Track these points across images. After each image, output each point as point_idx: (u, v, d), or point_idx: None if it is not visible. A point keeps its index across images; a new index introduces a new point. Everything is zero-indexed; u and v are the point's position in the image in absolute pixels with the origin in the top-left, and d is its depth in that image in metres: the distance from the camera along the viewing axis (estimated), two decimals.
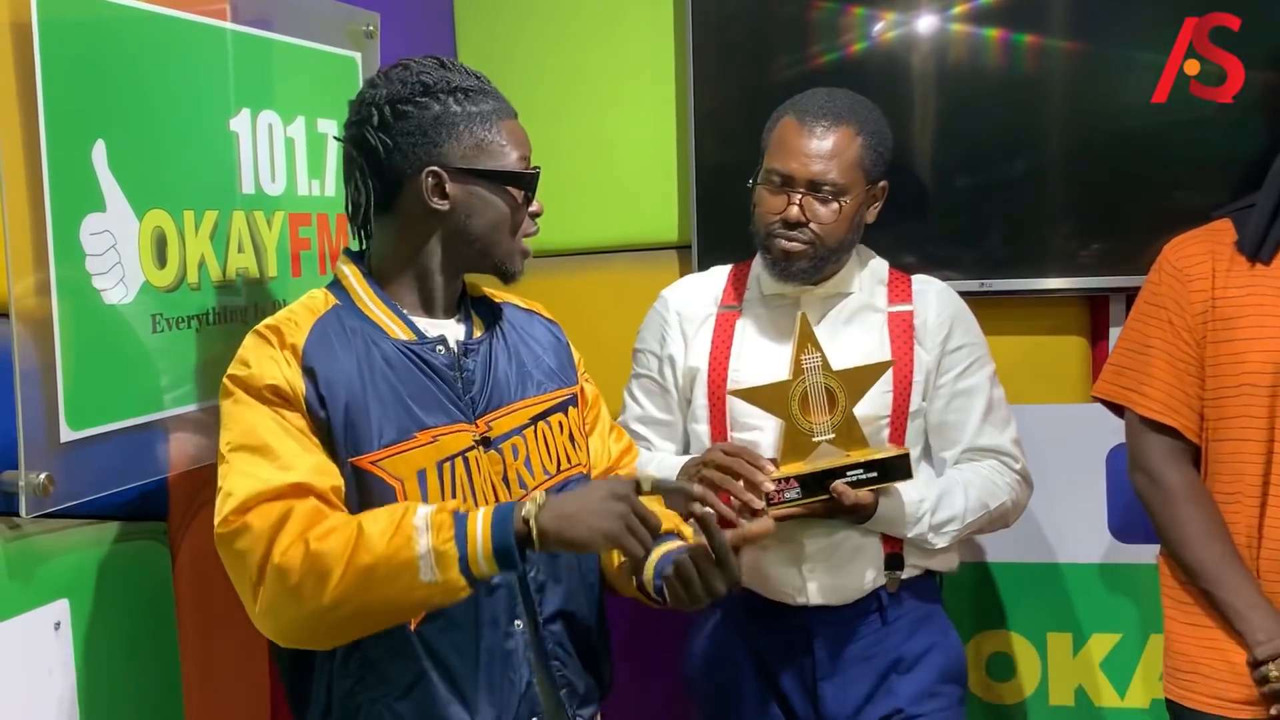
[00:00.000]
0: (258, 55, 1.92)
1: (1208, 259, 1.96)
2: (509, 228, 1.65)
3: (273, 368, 1.53)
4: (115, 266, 1.60)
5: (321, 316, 1.59)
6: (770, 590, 2.06)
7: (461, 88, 1.61)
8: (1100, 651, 2.46)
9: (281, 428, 1.51)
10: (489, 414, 1.66)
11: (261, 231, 1.91)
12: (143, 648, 1.74)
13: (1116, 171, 2.37)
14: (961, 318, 2.09)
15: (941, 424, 2.08)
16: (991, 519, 2.06)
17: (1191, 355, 1.95)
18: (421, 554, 1.43)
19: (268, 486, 1.47)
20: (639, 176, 2.66)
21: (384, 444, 1.55)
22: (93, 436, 1.56)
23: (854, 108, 2.02)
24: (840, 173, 1.97)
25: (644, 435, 2.17)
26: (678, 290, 2.19)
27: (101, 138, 1.57)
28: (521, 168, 1.65)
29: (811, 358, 1.92)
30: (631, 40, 2.65)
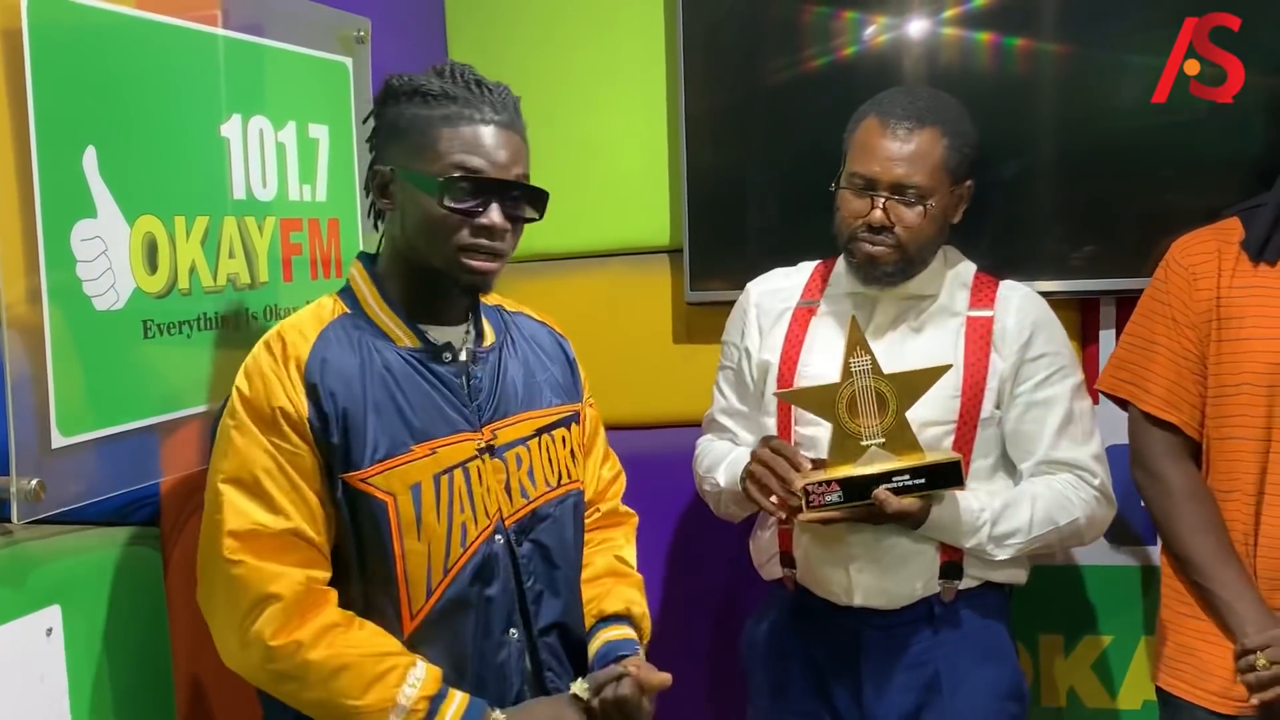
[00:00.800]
0: (248, 61, 1.92)
1: (1214, 258, 1.97)
2: (432, 234, 1.58)
3: (277, 388, 1.55)
4: (106, 272, 1.60)
5: (328, 326, 1.61)
6: (819, 588, 2.06)
7: (424, 91, 1.59)
8: (1092, 653, 2.47)
9: (279, 467, 1.54)
10: (495, 422, 1.67)
11: (253, 237, 1.91)
12: (135, 654, 1.74)
13: (1108, 174, 2.38)
14: (1045, 326, 2.05)
15: (1016, 434, 2.04)
16: (1062, 535, 2.02)
17: (1194, 353, 1.96)
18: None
19: (263, 529, 1.52)
20: (631, 180, 2.67)
21: (377, 459, 1.56)
22: (84, 442, 1.56)
23: (937, 107, 2.01)
24: (925, 175, 1.96)
25: (729, 427, 2.20)
26: (761, 283, 2.21)
27: (92, 144, 1.57)
28: (448, 170, 1.56)
29: (860, 361, 1.89)
30: (623, 44, 2.66)
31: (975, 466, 2.01)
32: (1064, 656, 2.48)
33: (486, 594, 1.64)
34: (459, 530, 1.61)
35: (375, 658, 1.53)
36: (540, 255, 2.72)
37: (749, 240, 2.59)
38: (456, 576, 1.61)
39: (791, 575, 2.09)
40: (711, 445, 2.20)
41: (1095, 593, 2.46)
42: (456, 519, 1.61)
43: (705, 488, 2.16)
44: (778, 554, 2.10)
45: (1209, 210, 2.17)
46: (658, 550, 2.70)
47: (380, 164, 1.64)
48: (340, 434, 1.55)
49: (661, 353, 2.66)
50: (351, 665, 1.52)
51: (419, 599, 1.60)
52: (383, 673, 1.52)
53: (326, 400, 1.55)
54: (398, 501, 1.57)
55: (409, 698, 1.52)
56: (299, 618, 1.52)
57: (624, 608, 1.78)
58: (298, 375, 1.56)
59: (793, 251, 2.25)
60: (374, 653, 1.54)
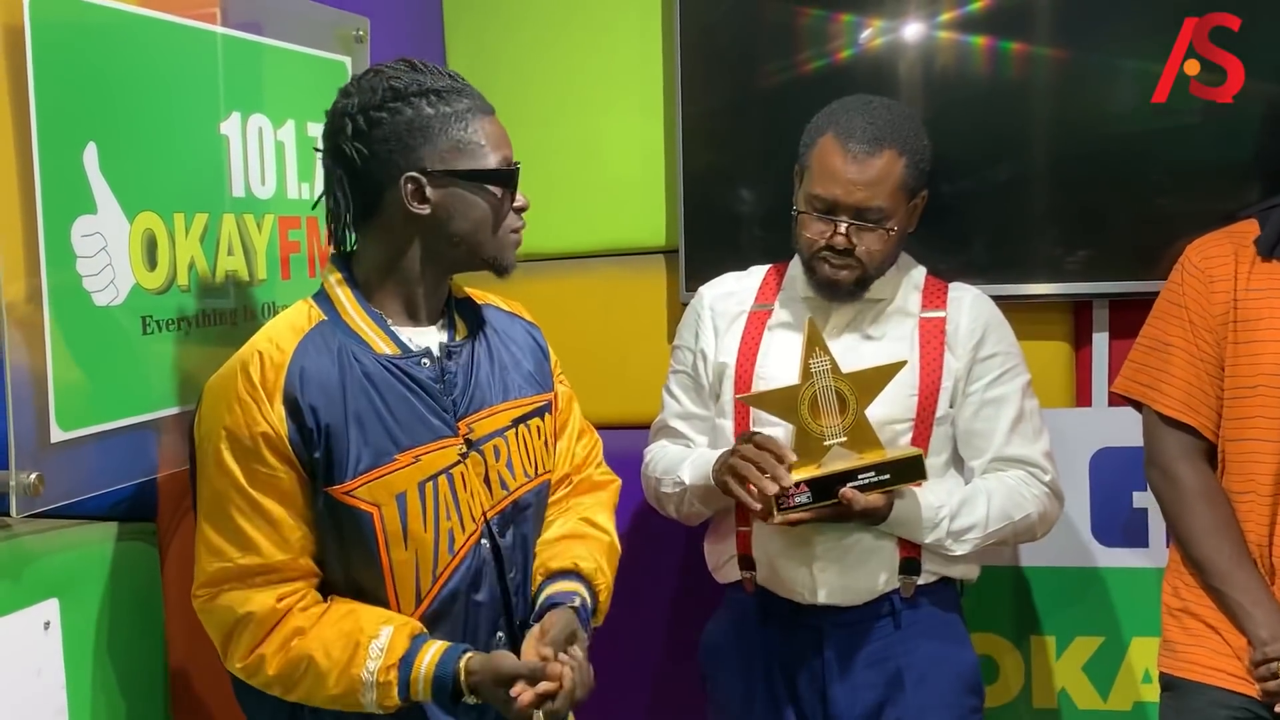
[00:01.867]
0: (248, 59, 1.94)
1: (1230, 260, 1.98)
2: (492, 225, 1.65)
3: (255, 412, 1.54)
4: (106, 268, 1.61)
5: (305, 336, 1.59)
6: (782, 588, 2.07)
7: (434, 89, 1.60)
8: (1083, 655, 2.48)
9: (250, 502, 1.55)
10: (470, 416, 1.68)
11: (251, 234, 1.92)
12: (131, 648, 1.76)
13: (1101, 177, 2.39)
14: (996, 326, 2.09)
15: (969, 432, 2.07)
16: (1016, 530, 2.05)
17: (1211, 355, 1.98)
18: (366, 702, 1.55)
19: (230, 567, 1.57)
20: (627, 181, 2.68)
21: (360, 471, 1.57)
22: (83, 437, 1.58)
23: (895, 125, 2.01)
24: (885, 198, 1.98)
25: (683, 432, 2.19)
26: (714, 286, 2.22)
27: (93, 140, 1.58)
28: (501, 165, 1.64)
29: (820, 361, 1.92)
30: (620, 46, 2.67)
31: (929, 463, 2.03)
32: (1055, 658, 2.50)
33: (475, 599, 1.65)
34: (446, 537, 1.62)
35: (339, 644, 1.55)
36: (535, 255, 2.72)
37: (744, 242, 2.60)
38: (446, 584, 1.63)
39: (751, 577, 2.09)
40: (666, 449, 2.19)
41: (1086, 594, 2.47)
42: (443, 526, 1.62)
43: (664, 490, 2.13)
44: (735, 557, 2.10)
45: (1204, 213, 2.19)
46: (650, 550, 2.71)
47: (405, 169, 1.59)
48: (322, 448, 1.56)
49: (656, 354, 2.65)
50: (312, 663, 1.54)
51: (408, 607, 1.61)
52: (346, 659, 1.54)
53: (307, 414, 1.55)
54: (383, 512, 1.58)
55: (372, 671, 1.53)
56: (266, 634, 1.56)
57: (570, 563, 1.74)
58: (277, 394, 1.55)
59: (788, 252, 2.26)
60: (336, 640, 1.55)
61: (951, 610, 2.11)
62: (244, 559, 1.56)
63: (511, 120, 2.77)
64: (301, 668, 1.55)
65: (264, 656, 1.56)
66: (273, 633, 1.56)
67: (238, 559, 1.56)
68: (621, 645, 2.70)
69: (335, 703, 1.56)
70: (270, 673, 1.56)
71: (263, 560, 1.56)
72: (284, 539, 1.57)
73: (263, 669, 1.56)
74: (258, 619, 1.56)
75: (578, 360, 2.63)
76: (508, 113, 2.76)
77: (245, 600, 1.56)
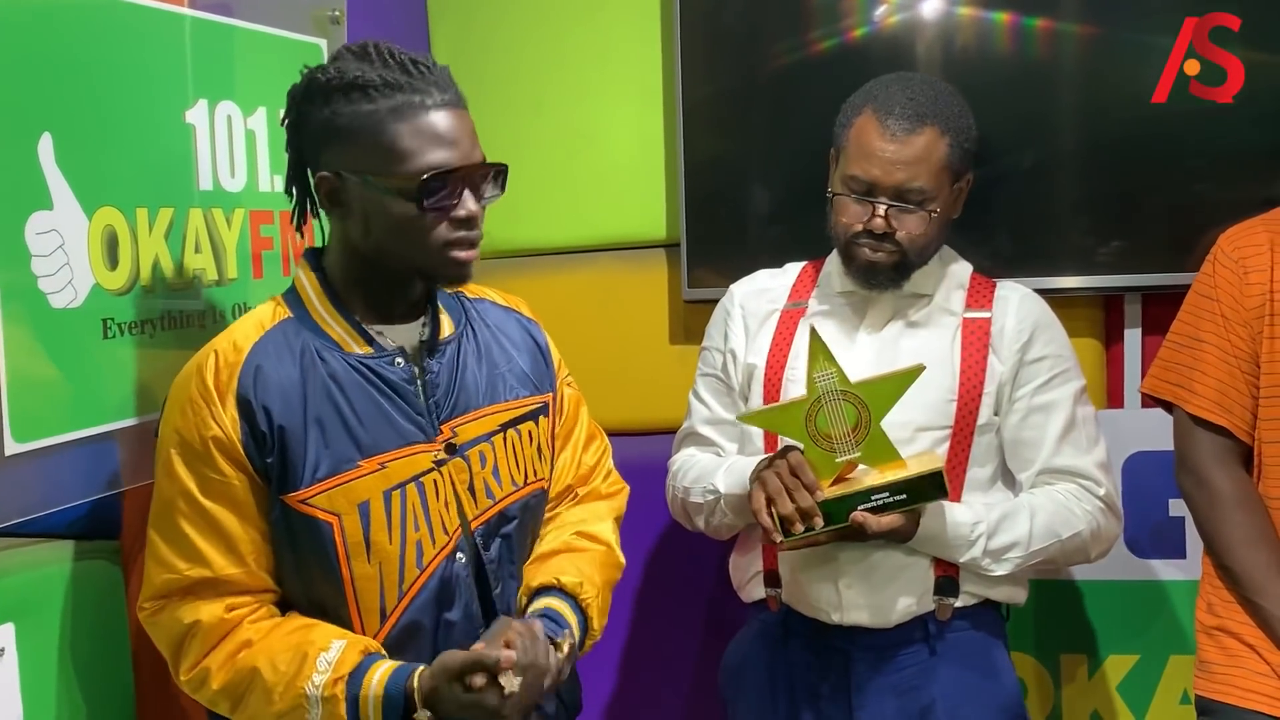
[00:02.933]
0: (216, 43, 1.92)
1: (1266, 250, 1.96)
2: (413, 239, 1.56)
3: (206, 415, 1.54)
4: (63, 268, 1.59)
5: (266, 333, 1.59)
6: (806, 606, 2.04)
7: (360, 83, 1.53)
8: (1117, 674, 2.46)
9: (198, 510, 1.55)
10: (455, 419, 1.66)
11: (220, 230, 1.90)
12: (95, 673, 1.74)
13: (1132, 165, 2.38)
14: (1045, 327, 2.05)
15: (1016, 441, 2.03)
16: (1065, 550, 2.00)
17: (1245, 351, 1.95)
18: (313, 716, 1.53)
19: (177, 579, 1.56)
20: (625, 172, 2.67)
21: (318, 478, 1.55)
22: (39, 449, 1.56)
23: (937, 103, 1.99)
24: (927, 179, 1.96)
25: (712, 439, 2.17)
26: (745, 284, 2.20)
27: (48, 131, 1.56)
28: (419, 173, 1.53)
29: (825, 374, 1.86)
30: (616, 27, 2.65)
31: (972, 475, 2.00)
32: (1087, 678, 2.48)
33: (446, 618, 1.63)
34: (414, 549, 1.60)
35: (286, 656, 1.53)
36: (529, 250, 2.72)
37: (749, 234, 2.59)
38: (413, 600, 1.60)
39: (775, 595, 2.07)
40: (696, 458, 2.17)
41: (1119, 609, 2.45)
42: (410, 537, 1.59)
43: (694, 499, 2.10)
44: (761, 573, 2.08)
45: (1243, 200, 2.17)
46: (649, 560, 2.69)
47: (322, 169, 1.57)
48: (276, 453, 1.54)
49: (657, 353, 2.66)
50: (258, 676, 1.53)
51: (372, 626, 1.59)
52: (292, 672, 1.52)
53: (260, 416, 1.54)
54: (344, 522, 1.56)
55: (318, 685, 1.51)
56: (210, 649, 1.56)
57: (551, 578, 1.70)
58: (230, 395, 1.54)
59: (796, 246, 2.25)
60: (283, 652, 1.53)
61: (992, 636, 2.06)
62: (191, 571, 1.56)
63: (500, 107, 2.78)
64: (247, 681, 1.54)
65: (209, 669, 1.55)
66: (220, 644, 1.56)
67: (185, 571, 1.56)
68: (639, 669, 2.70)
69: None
70: (215, 686, 1.55)
71: (212, 574, 1.56)
72: (235, 551, 1.56)
73: (208, 682, 1.55)
74: (205, 628, 1.55)
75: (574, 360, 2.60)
76: (495, 99, 2.76)
77: (192, 610, 1.56)
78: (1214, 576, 2.01)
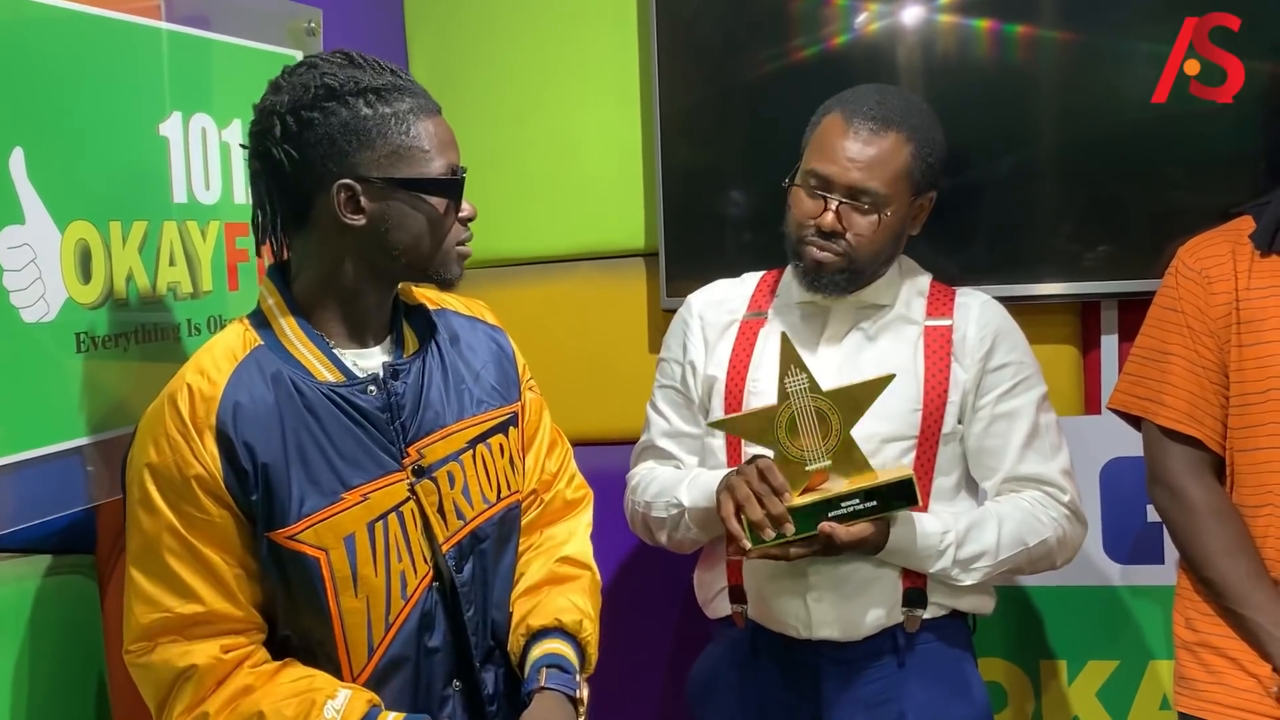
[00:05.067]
0: (190, 55, 1.92)
1: (1228, 259, 1.97)
2: (435, 238, 1.59)
3: (187, 453, 1.50)
4: (35, 282, 1.59)
5: (240, 364, 1.55)
6: (774, 622, 2.03)
7: (373, 88, 1.54)
8: (1097, 680, 2.47)
9: (185, 547, 1.51)
10: (421, 440, 1.63)
11: (195, 243, 1.90)
12: (70, 690, 1.73)
13: (1109, 172, 2.39)
14: (1007, 334, 2.05)
15: (979, 450, 2.04)
16: (1032, 557, 2.00)
17: (1213, 361, 1.96)
18: None
19: (168, 618, 1.51)
20: (603, 181, 2.67)
21: (305, 513, 1.53)
22: (13, 464, 1.55)
23: (906, 112, 2.00)
24: (884, 183, 1.96)
25: (671, 452, 2.16)
26: (703, 294, 2.20)
27: (19, 145, 1.56)
28: (445, 172, 1.58)
29: (797, 380, 1.86)
30: (594, 36, 2.66)
31: (938, 485, 2.00)
32: (1067, 684, 2.48)
33: (429, 645, 1.62)
34: (398, 581, 1.59)
35: (293, 703, 1.50)
36: (507, 259, 2.72)
37: (728, 243, 2.59)
38: (399, 632, 1.59)
39: (741, 611, 2.06)
40: (655, 471, 2.15)
41: (1098, 615, 2.46)
42: (394, 568, 1.58)
43: (656, 514, 2.09)
44: (726, 589, 2.07)
45: (1218, 209, 2.17)
46: (622, 571, 2.69)
47: (339, 176, 1.53)
48: (261, 490, 1.51)
49: (636, 362, 2.65)
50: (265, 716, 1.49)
51: (360, 659, 1.58)
52: (300, 718, 1.49)
53: (242, 454, 1.50)
54: (330, 557, 1.54)
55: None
56: (210, 689, 1.51)
57: (551, 620, 1.70)
58: (209, 431, 1.50)
59: (774, 255, 2.25)
60: (287, 696, 1.51)
61: (960, 648, 2.06)
62: (183, 608, 1.51)
63: (478, 117, 2.77)
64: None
65: (207, 714, 1.50)
66: (219, 688, 1.51)
67: (176, 608, 1.51)
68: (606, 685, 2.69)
69: None
70: None
71: (205, 608, 1.51)
72: (226, 587, 1.53)
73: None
74: (201, 672, 1.50)
75: (553, 371, 2.61)
76: (473, 109, 2.75)
77: (186, 654, 1.50)
78: (1191, 590, 2.02)
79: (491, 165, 2.64)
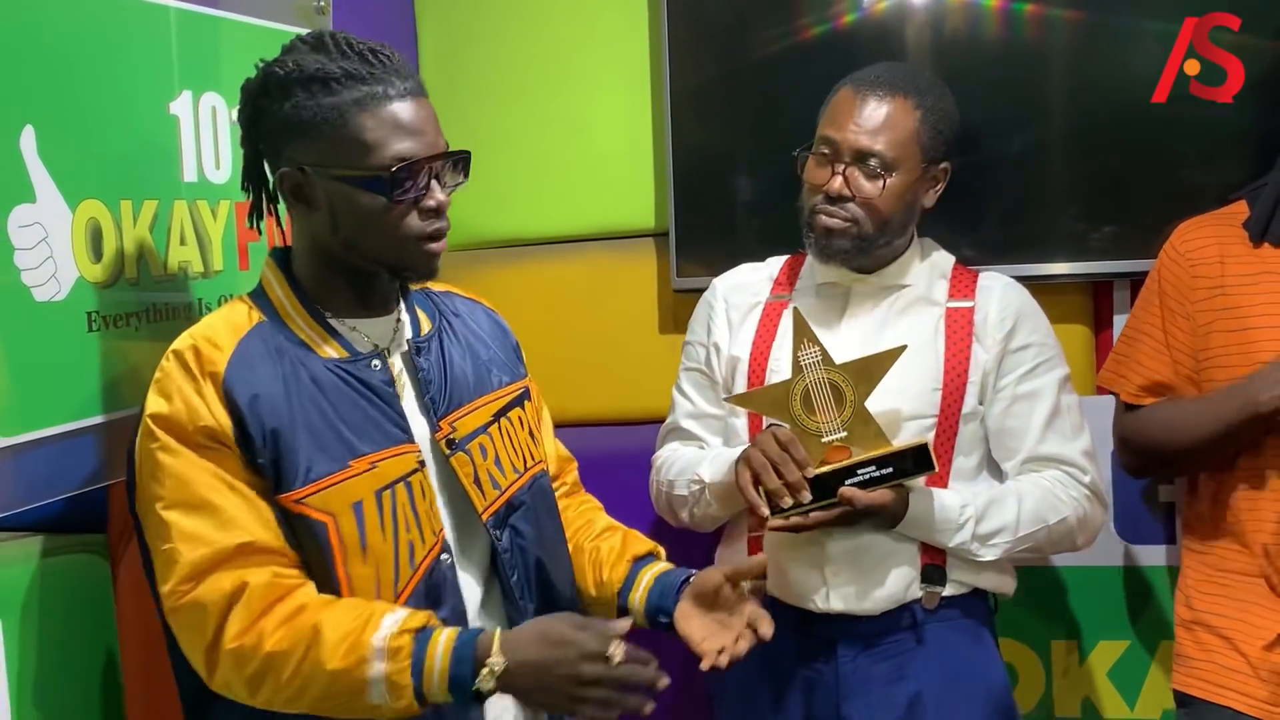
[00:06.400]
0: (200, 34, 1.92)
1: (1215, 243, 1.98)
2: (383, 232, 1.56)
3: (199, 405, 1.49)
4: (47, 261, 1.59)
5: (244, 336, 1.55)
6: (791, 595, 2.04)
7: (321, 75, 1.51)
8: (1107, 660, 2.47)
9: (220, 480, 1.50)
10: (452, 414, 1.66)
11: (205, 222, 1.90)
12: (82, 669, 1.74)
13: (1122, 148, 2.39)
14: (1029, 316, 2.07)
15: (1000, 430, 2.05)
16: (1052, 536, 2.02)
17: (1183, 343, 1.98)
18: (373, 679, 1.46)
19: (215, 550, 1.48)
20: (613, 160, 2.66)
21: (312, 479, 1.53)
22: (25, 443, 1.56)
23: (914, 79, 2.03)
24: (889, 145, 1.98)
25: (696, 433, 2.18)
26: (728, 278, 2.22)
27: (30, 123, 1.56)
28: (389, 163, 1.52)
29: (809, 353, 1.89)
30: (604, 16, 2.65)
31: (958, 465, 2.02)
32: (1077, 664, 2.49)
33: (440, 617, 1.60)
34: (406, 550, 1.58)
35: (349, 615, 1.48)
36: (515, 240, 2.71)
37: (739, 223, 2.59)
38: (407, 601, 1.58)
39: (760, 586, 2.08)
40: (679, 451, 2.17)
41: (1109, 596, 2.46)
42: (403, 538, 1.58)
43: (678, 491, 2.11)
44: None
45: (1233, 186, 2.17)
46: None
47: (284, 164, 1.55)
48: (269, 454, 1.51)
49: (646, 343, 2.66)
50: (319, 635, 1.46)
51: None
52: (354, 629, 1.46)
53: (251, 420, 1.50)
54: (339, 522, 1.54)
55: (384, 638, 1.45)
56: (263, 612, 1.47)
57: (653, 547, 1.81)
58: (216, 391, 1.50)
59: (786, 235, 2.24)
60: (347, 612, 1.48)
61: (980, 626, 2.07)
62: (230, 537, 1.48)
63: (487, 96, 2.77)
64: (306, 641, 1.45)
65: (263, 631, 1.46)
66: (275, 606, 1.48)
67: (222, 539, 1.48)
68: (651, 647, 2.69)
69: (328, 695, 1.47)
70: (268, 648, 1.45)
71: (251, 538, 1.49)
72: (268, 523, 1.52)
73: (260, 645, 1.46)
74: (255, 590, 1.47)
75: (563, 351, 2.62)
76: (483, 88, 2.75)
77: (238, 576, 1.47)
78: (1193, 569, 2.04)
79: (501, 145, 2.64)
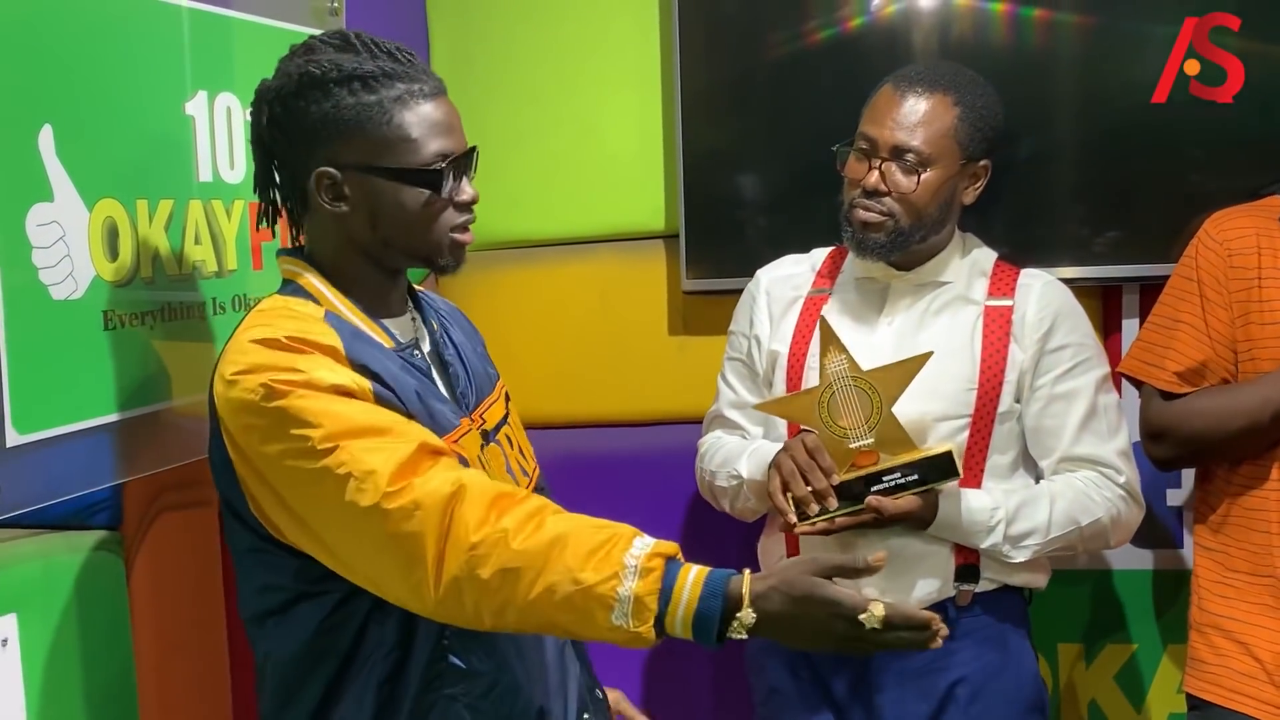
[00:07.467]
0: (215, 34, 1.93)
1: (1253, 234, 1.98)
2: (424, 226, 1.58)
3: (327, 371, 1.45)
4: (64, 260, 1.60)
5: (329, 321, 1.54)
6: None
7: (359, 74, 1.53)
8: (1115, 663, 2.48)
9: (380, 409, 1.47)
10: (479, 407, 1.69)
11: (220, 222, 1.91)
12: (97, 665, 1.75)
13: (1132, 152, 2.39)
14: (1068, 315, 2.08)
15: (1037, 430, 2.06)
16: (1085, 536, 2.03)
17: (1223, 333, 1.97)
18: (621, 597, 1.36)
19: (415, 449, 1.42)
20: (623, 162, 2.67)
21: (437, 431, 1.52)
22: (41, 441, 1.56)
23: (955, 77, 2.06)
24: (926, 141, 2.00)
25: (738, 422, 2.21)
26: (771, 269, 2.24)
27: (49, 122, 1.56)
28: (433, 158, 1.55)
29: (836, 361, 1.92)
30: (615, 17, 2.66)
31: (993, 463, 2.03)
32: (1085, 667, 2.49)
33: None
34: None
35: (591, 528, 1.40)
36: (525, 241, 2.72)
37: (749, 225, 2.59)
38: None
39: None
40: (722, 440, 2.21)
41: (1117, 598, 2.47)
42: None
43: (719, 483, 2.16)
44: (784, 558, 2.11)
45: (1240, 192, 2.18)
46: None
47: (322, 165, 1.55)
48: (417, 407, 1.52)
49: (656, 345, 2.66)
50: (565, 543, 1.37)
51: None
52: (604, 542, 1.37)
53: (388, 379, 1.50)
54: None
55: (638, 557, 1.36)
56: (496, 507, 1.39)
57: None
58: (343, 364, 1.47)
59: (797, 237, 2.26)
60: (589, 527, 1.40)
61: (1013, 620, 2.09)
62: (406, 446, 1.42)
63: (498, 97, 2.77)
64: (554, 547, 1.36)
65: (507, 530, 1.37)
66: (510, 506, 1.39)
67: (403, 450, 1.41)
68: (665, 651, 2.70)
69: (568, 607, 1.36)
70: (515, 546, 1.36)
71: (426, 441, 1.44)
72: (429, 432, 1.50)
73: (505, 543, 1.36)
74: (474, 490, 1.39)
75: (572, 352, 2.63)
76: (493, 89, 2.75)
77: (449, 479, 1.39)
78: (1207, 572, 2.04)
79: (511, 146, 2.64)
